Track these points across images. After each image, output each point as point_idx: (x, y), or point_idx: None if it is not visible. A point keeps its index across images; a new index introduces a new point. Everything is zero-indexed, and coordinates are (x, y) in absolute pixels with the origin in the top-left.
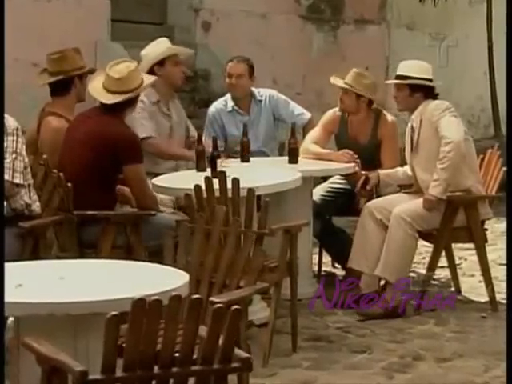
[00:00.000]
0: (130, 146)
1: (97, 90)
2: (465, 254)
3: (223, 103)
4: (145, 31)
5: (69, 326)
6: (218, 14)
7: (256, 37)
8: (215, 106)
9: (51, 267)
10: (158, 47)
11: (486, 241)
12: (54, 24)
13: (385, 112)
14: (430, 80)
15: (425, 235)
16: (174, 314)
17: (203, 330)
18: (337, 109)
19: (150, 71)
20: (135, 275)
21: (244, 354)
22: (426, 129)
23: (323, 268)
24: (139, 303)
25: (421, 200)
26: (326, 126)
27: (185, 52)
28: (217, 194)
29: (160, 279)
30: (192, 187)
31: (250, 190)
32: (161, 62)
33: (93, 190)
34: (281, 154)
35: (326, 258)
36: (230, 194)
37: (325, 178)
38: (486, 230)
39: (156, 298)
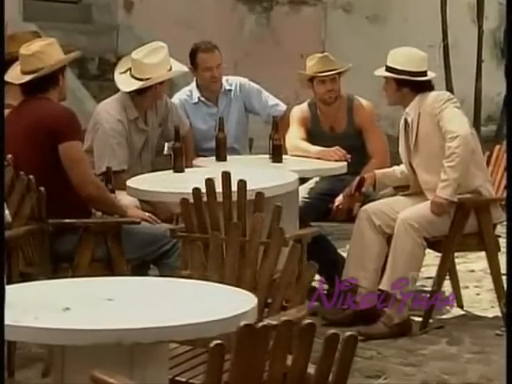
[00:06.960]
0: (60, 123)
1: (13, 75)
2: None
3: (188, 94)
4: (59, 10)
5: (123, 355)
6: None
7: (183, 17)
8: (179, 98)
9: (93, 286)
10: (158, 64)
11: (499, 249)
12: None
13: (357, 97)
14: (423, 72)
15: (431, 243)
16: (283, 342)
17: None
18: (303, 105)
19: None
20: (188, 295)
21: None
22: (425, 124)
23: None
24: (247, 330)
25: (427, 203)
26: (301, 122)
27: (181, 72)
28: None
29: (223, 300)
30: (181, 191)
31: (259, 194)
32: None
33: (56, 194)
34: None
35: None
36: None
37: (304, 179)
38: (499, 236)
39: (264, 323)
